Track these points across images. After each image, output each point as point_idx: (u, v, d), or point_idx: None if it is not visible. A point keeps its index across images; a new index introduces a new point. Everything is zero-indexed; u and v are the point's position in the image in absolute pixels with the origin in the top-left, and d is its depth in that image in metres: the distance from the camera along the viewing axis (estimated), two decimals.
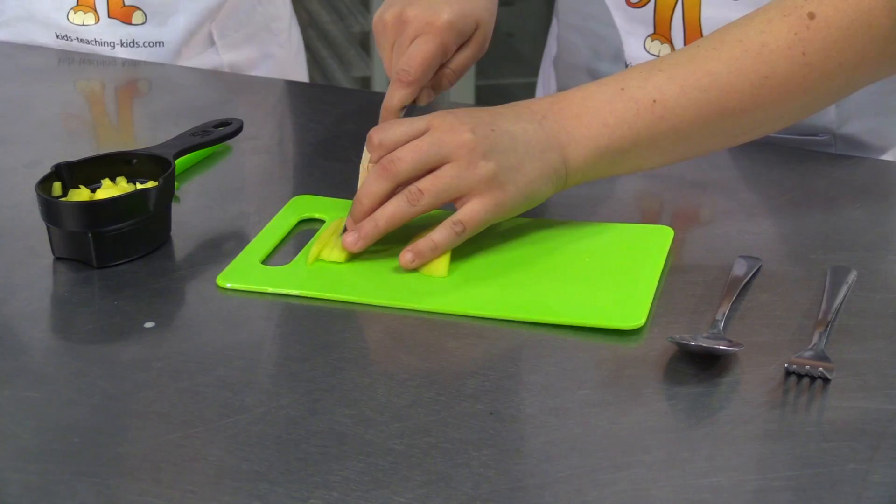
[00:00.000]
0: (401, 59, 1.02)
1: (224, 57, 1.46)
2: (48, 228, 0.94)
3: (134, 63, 1.40)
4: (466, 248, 0.94)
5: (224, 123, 1.09)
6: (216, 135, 1.07)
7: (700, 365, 0.81)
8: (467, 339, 0.85)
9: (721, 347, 0.81)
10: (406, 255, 0.91)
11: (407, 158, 0.90)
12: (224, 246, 0.98)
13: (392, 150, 0.91)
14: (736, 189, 1.09)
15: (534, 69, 1.05)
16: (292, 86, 1.41)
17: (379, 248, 0.93)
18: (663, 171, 1.09)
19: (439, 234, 0.91)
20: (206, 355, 0.84)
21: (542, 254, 0.94)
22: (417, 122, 0.93)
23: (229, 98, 1.34)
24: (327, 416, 0.77)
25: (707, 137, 0.96)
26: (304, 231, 1.00)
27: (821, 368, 0.79)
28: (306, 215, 1.02)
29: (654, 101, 0.93)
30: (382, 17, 1.04)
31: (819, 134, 1.17)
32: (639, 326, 0.85)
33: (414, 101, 1.03)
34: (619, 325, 0.85)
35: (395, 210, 0.91)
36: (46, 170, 0.97)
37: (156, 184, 0.95)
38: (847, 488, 0.70)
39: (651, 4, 1.16)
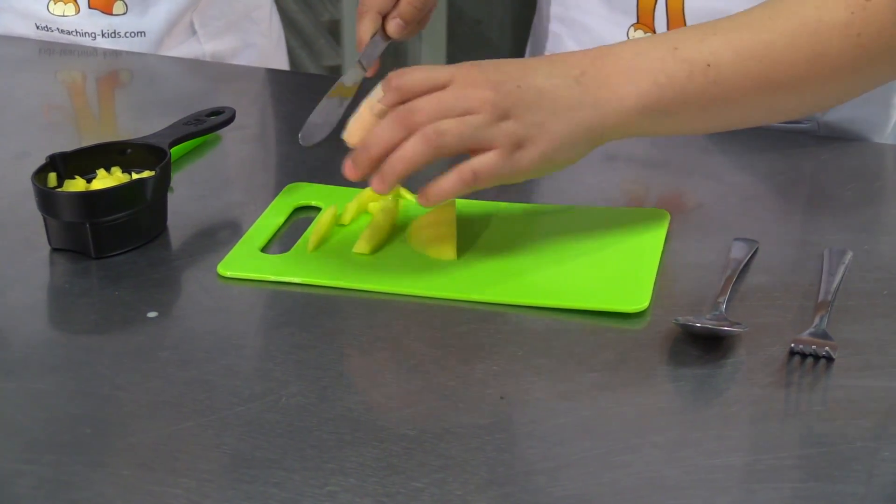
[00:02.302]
0: None
1: (206, 46, 1.45)
2: (45, 219, 0.94)
3: (116, 53, 1.38)
4: (469, 235, 0.94)
5: (216, 112, 1.09)
6: (209, 124, 1.07)
7: (704, 347, 0.82)
8: (471, 324, 0.86)
9: (726, 329, 0.82)
10: (419, 199, 0.88)
11: (426, 110, 0.87)
12: (220, 234, 0.98)
13: (409, 98, 0.88)
14: (726, 174, 1.10)
15: (503, 55, 1.04)
16: (276, 74, 1.40)
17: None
18: (650, 156, 1.10)
19: (448, 181, 0.87)
20: (212, 344, 0.84)
21: (542, 238, 0.95)
22: (440, 72, 0.89)
23: (213, 87, 1.33)
24: (338, 402, 0.77)
25: (753, 108, 0.94)
26: (301, 219, 1.00)
27: (826, 348, 0.80)
28: (302, 203, 1.02)
29: (709, 64, 0.91)
30: None
31: (803, 121, 1.18)
32: (643, 309, 0.85)
33: (386, 33, 1.06)
34: (624, 308, 0.85)
35: (414, 152, 0.86)
36: (37, 161, 0.96)
37: (152, 173, 0.95)
38: (857, 466, 0.71)
39: None
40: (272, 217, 0.99)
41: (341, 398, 0.77)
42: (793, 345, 0.81)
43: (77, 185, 0.96)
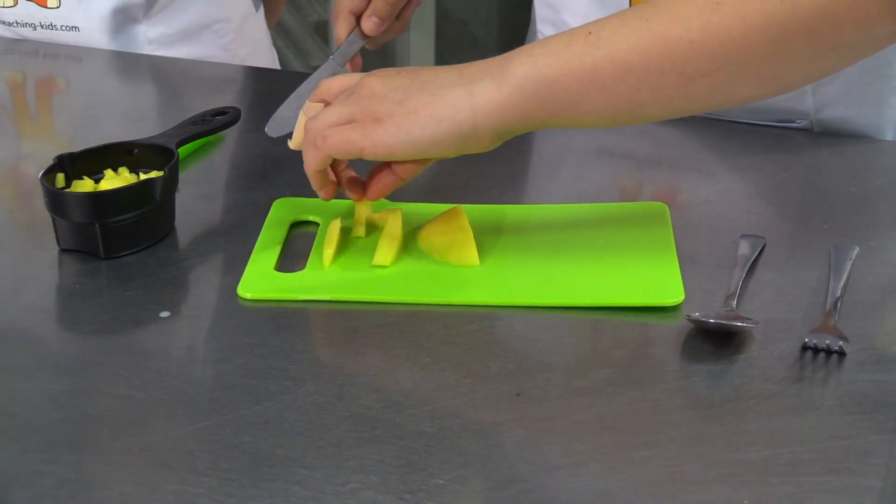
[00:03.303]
0: None
1: (154, 55, 1.42)
2: (53, 220, 0.93)
3: (113, 53, 1.38)
4: (483, 240, 0.94)
5: (221, 112, 1.09)
6: (215, 124, 1.07)
7: (717, 342, 0.82)
8: (483, 321, 0.86)
9: (738, 324, 0.83)
10: None
11: (320, 119, 0.90)
12: (228, 234, 0.98)
13: (327, 102, 0.93)
14: (727, 172, 1.11)
15: (491, 55, 1.00)
16: (275, 74, 1.40)
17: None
18: (645, 155, 1.10)
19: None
20: (226, 343, 0.84)
21: (557, 238, 0.95)
22: (352, 79, 0.92)
23: (211, 88, 1.33)
24: (355, 401, 0.77)
25: (654, 74, 0.83)
26: (299, 234, 0.98)
27: (839, 343, 0.80)
28: (297, 218, 0.99)
29: (590, 32, 0.84)
30: None
31: (797, 120, 1.18)
32: (679, 301, 0.86)
33: (363, 32, 1.08)
34: (662, 302, 0.86)
35: (310, 160, 0.90)
36: (43, 162, 0.96)
37: (161, 173, 0.94)
38: (875, 459, 0.72)
39: None
40: (273, 234, 0.96)
41: (358, 396, 0.78)
42: (806, 339, 0.81)
43: (85, 185, 0.95)
